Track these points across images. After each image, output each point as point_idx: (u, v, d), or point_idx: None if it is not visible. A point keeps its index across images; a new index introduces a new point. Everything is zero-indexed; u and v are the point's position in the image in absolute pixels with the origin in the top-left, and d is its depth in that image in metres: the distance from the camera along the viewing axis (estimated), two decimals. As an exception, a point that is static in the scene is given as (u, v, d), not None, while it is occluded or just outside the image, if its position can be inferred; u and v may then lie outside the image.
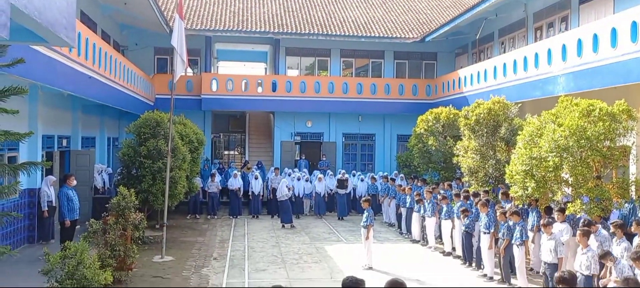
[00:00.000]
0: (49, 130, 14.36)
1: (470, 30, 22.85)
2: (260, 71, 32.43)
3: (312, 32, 24.48)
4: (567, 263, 9.68)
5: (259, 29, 24.22)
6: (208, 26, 23.77)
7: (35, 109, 12.85)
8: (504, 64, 17.23)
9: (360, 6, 28.97)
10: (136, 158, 13.92)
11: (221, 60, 30.81)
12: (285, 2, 28.26)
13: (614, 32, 11.53)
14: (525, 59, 15.83)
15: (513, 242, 10.51)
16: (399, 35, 25.04)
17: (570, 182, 10.68)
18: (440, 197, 13.99)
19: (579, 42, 12.94)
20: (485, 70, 18.81)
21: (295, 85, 24.05)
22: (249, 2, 27.57)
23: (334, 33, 24.66)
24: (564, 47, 13.68)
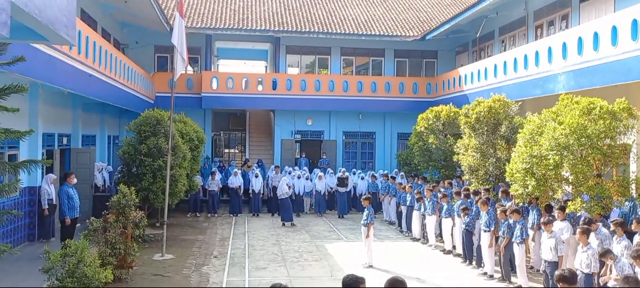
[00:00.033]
0: (50, 128, 14.36)
1: (471, 28, 22.83)
2: (261, 69, 32.41)
3: (313, 30, 24.46)
4: (568, 261, 9.68)
5: (260, 27, 24.21)
6: (208, 24, 23.77)
7: (36, 107, 12.85)
8: (505, 62, 17.22)
9: (361, 4, 28.94)
10: (136, 156, 13.93)
11: (221, 59, 30.78)
12: (285, 0, 28.22)
13: (614, 30, 11.52)
14: (525, 57, 15.82)
15: (513, 240, 10.51)
16: (400, 34, 25.02)
17: (570, 180, 10.69)
18: (441, 195, 13.98)
19: (580, 40, 12.94)
20: (485, 69, 18.80)
21: (296, 83, 24.04)
22: (249, 0, 27.54)
23: (335, 31, 24.64)
24: (564, 45, 13.68)
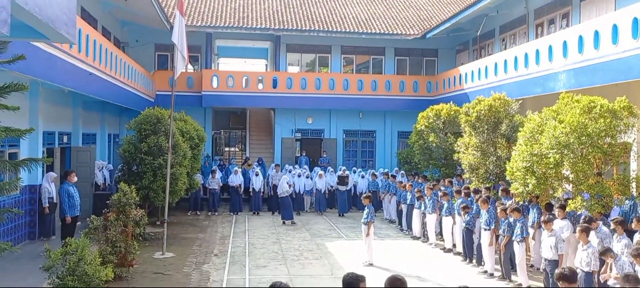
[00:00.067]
0: (50, 127, 14.36)
1: (471, 26, 22.81)
2: (261, 68, 32.41)
3: (313, 29, 24.44)
4: (568, 259, 9.69)
5: (260, 26, 24.19)
6: (209, 23, 23.76)
7: (36, 105, 12.85)
8: (505, 61, 17.21)
9: (361, 3, 28.91)
10: (137, 154, 13.93)
11: (222, 57, 30.78)
12: (285, -1, 28.25)
13: (615, 29, 11.50)
14: (526, 55, 15.81)
15: (513, 238, 10.52)
16: (400, 32, 24.99)
17: (570, 178, 10.68)
18: (441, 194, 13.99)
19: (580, 39, 12.92)
20: (486, 67, 18.79)
21: (296, 81, 24.03)
22: (249, -1, 27.56)
23: (335, 30, 24.61)
24: (565, 44, 13.66)
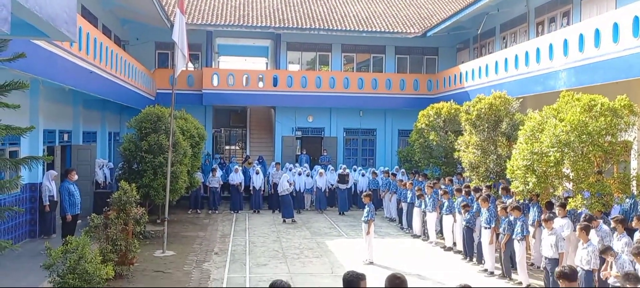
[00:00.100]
0: (50, 125, 14.36)
1: (472, 25, 22.80)
2: (262, 66, 32.39)
3: (314, 27, 24.44)
4: (568, 258, 9.69)
5: (260, 24, 24.18)
6: (209, 21, 23.74)
7: (37, 103, 12.85)
8: (506, 59, 17.19)
9: (362, 1, 28.88)
10: (137, 153, 13.93)
11: (222, 55, 30.77)
12: (286, -3, 28.23)
13: (615, 27, 11.49)
14: (526, 53, 15.79)
15: (514, 237, 10.52)
16: (401, 30, 24.97)
17: (571, 177, 10.67)
18: (442, 192, 13.99)
19: (581, 37, 12.91)
20: (486, 65, 18.78)
21: (297, 80, 24.02)
22: (250, -3, 27.55)
23: (335, 28, 24.61)
24: (565, 42, 13.65)
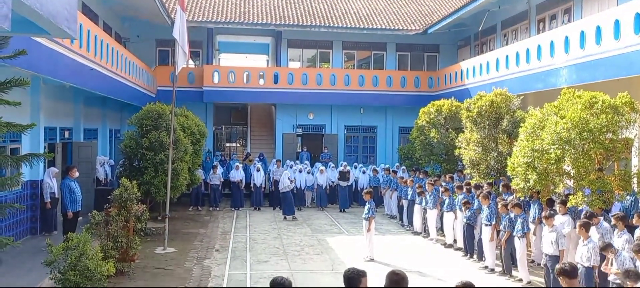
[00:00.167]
0: (51, 122, 14.37)
1: (473, 22, 22.76)
2: (262, 63, 32.40)
3: (314, 24, 24.41)
4: (569, 255, 9.70)
5: (261, 21, 24.15)
6: (210, 18, 23.73)
7: (37, 100, 12.84)
8: (507, 56, 17.17)
9: (362, -2, 28.87)
10: (138, 150, 13.93)
11: (223, 52, 30.76)
12: (287, -6, 28.19)
13: (617, 24, 11.47)
14: (527, 51, 15.77)
15: (514, 234, 10.53)
16: (401, 27, 24.94)
17: (572, 174, 10.67)
18: (442, 190, 13.99)
19: (582, 34, 12.88)
20: (487, 62, 18.75)
21: (297, 77, 24.01)
22: (250, -6, 27.52)
23: (336, 25, 24.59)
24: (566, 39, 13.63)
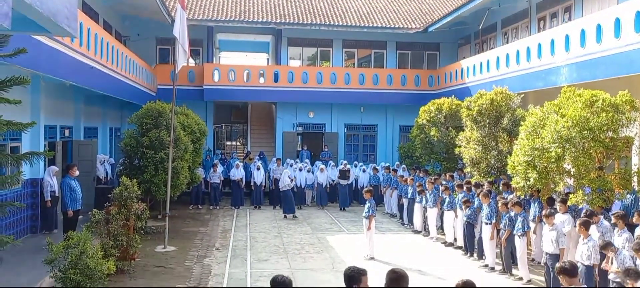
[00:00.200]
0: (51, 121, 14.37)
1: (473, 20, 22.74)
2: (263, 61, 32.38)
3: (315, 23, 24.39)
4: (569, 254, 9.70)
5: (261, 19, 24.15)
6: (210, 16, 23.71)
7: (38, 99, 12.85)
8: (507, 55, 17.16)
9: (363, -4, 28.85)
10: (138, 148, 13.94)
11: (223, 51, 30.74)
12: (287, -8, 28.16)
13: (617, 23, 11.45)
14: (528, 49, 15.76)
15: (515, 232, 10.53)
16: (402, 26, 24.93)
17: (572, 172, 10.67)
18: (443, 188, 13.99)
19: (583, 33, 12.87)
20: (488, 61, 18.73)
21: (298, 75, 23.99)
22: (250, -8, 27.49)
23: (337, 23, 24.57)
24: (567, 38, 13.61)
